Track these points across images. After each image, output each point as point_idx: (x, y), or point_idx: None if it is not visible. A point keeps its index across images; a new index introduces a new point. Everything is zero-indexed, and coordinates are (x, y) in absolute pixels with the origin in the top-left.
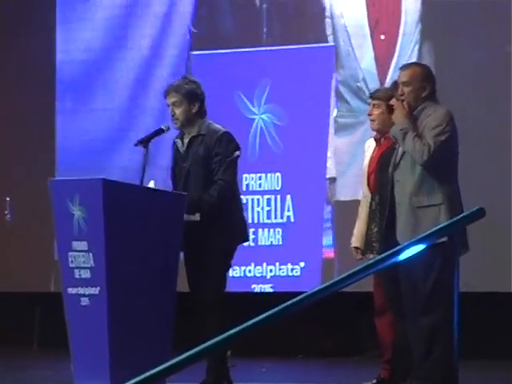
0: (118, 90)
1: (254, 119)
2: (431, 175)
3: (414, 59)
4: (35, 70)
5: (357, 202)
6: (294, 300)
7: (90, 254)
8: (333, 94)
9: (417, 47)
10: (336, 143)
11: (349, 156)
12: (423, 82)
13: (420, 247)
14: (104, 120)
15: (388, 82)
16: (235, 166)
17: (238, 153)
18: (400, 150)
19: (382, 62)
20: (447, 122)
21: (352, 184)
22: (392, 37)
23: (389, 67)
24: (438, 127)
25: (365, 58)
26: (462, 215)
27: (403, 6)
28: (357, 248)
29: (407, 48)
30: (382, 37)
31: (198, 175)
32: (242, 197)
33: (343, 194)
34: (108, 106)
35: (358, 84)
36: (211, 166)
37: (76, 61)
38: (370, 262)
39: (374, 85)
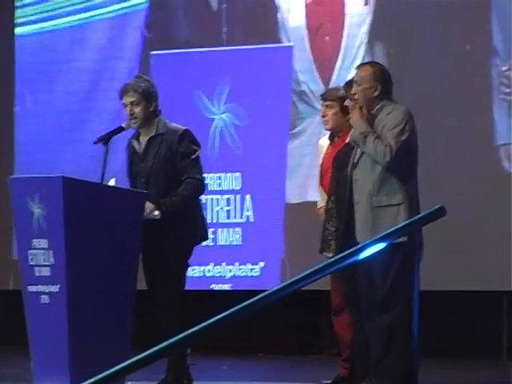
0: (73, 90)
1: (213, 119)
2: (393, 175)
3: (358, 60)
4: None
5: (306, 204)
6: (254, 299)
7: (51, 252)
8: None
9: (362, 48)
10: None
11: (297, 158)
12: (374, 82)
13: (379, 246)
14: (60, 121)
15: (332, 84)
16: (200, 164)
17: (199, 150)
18: (359, 150)
19: (327, 65)
20: (406, 121)
21: (301, 186)
22: (336, 39)
23: (333, 69)
24: (397, 127)
25: (306, 60)
26: (423, 214)
27: (346, 8)
28: None
29: (352, 49)
30: (327, 38)
31: (160, 175)
32: (201, 196)
33: (292, 196)
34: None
35: (301, 87)
36: (175, 166)
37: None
38: (330, 260)
39: (316, 87)
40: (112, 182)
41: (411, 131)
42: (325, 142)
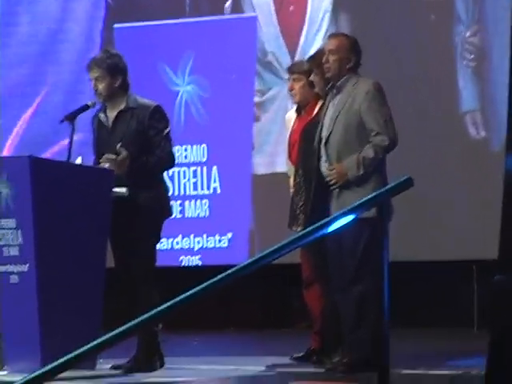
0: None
1: (178, 91)
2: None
3: (323, 30)
4: None
5: (274, 175)
6: (223, 274)
7: (19, 232)
8: None
9: (327, 17)
10: None
11: (266, 129)
12: (349, 53)
13: (348, 219)
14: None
15: (299, 53)
16: (171, 139)
17: (169, 126)
18: (325, 122)
19: (292, 34)
20: (383, 96)
21: (269, 156)
22: (300, 8)
23: (299, 39)
24: (382, 106)
25: (272, 31)
26: (390, 185)
27: None
28: None
29: (316, 19)
30: (291, 8)
31: (130, 148)
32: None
33: (260, 167)
34: None
35: (268, 58)
36: (147, 140)
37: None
38: (299, 234)
39: (283, 57)
40: (79, 161)
41: (386, 104)
42: (292, 115)
